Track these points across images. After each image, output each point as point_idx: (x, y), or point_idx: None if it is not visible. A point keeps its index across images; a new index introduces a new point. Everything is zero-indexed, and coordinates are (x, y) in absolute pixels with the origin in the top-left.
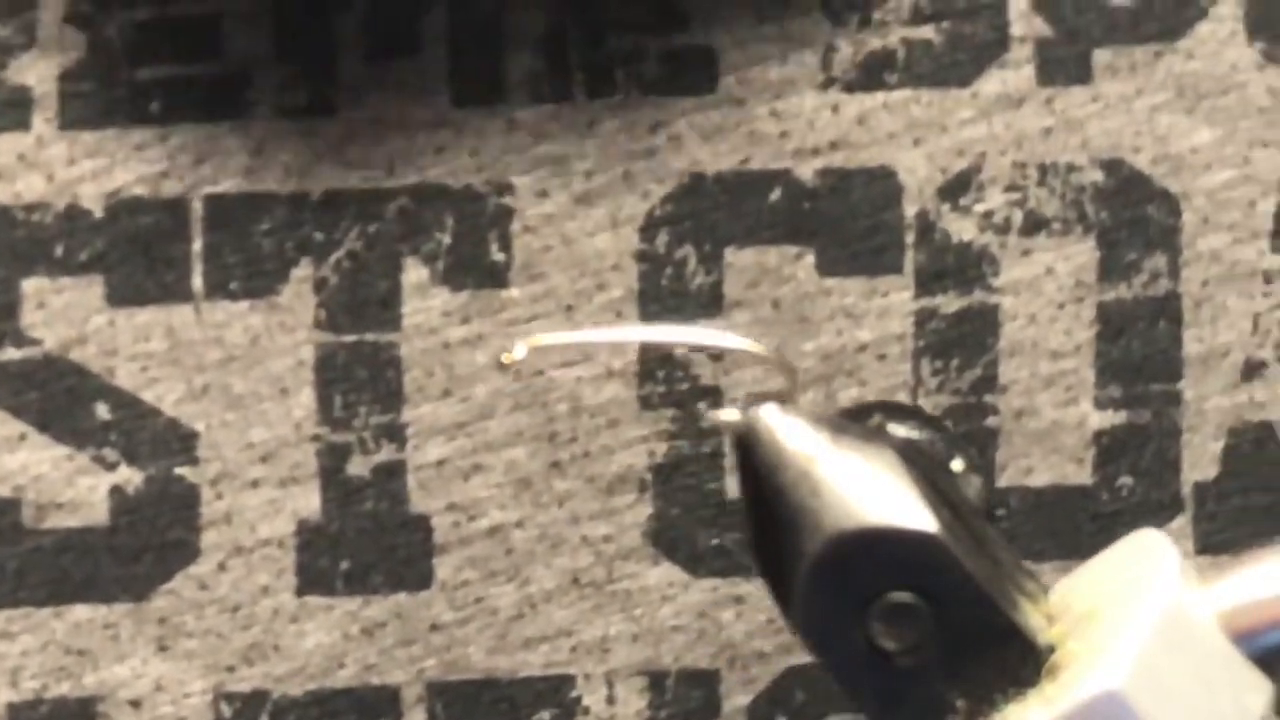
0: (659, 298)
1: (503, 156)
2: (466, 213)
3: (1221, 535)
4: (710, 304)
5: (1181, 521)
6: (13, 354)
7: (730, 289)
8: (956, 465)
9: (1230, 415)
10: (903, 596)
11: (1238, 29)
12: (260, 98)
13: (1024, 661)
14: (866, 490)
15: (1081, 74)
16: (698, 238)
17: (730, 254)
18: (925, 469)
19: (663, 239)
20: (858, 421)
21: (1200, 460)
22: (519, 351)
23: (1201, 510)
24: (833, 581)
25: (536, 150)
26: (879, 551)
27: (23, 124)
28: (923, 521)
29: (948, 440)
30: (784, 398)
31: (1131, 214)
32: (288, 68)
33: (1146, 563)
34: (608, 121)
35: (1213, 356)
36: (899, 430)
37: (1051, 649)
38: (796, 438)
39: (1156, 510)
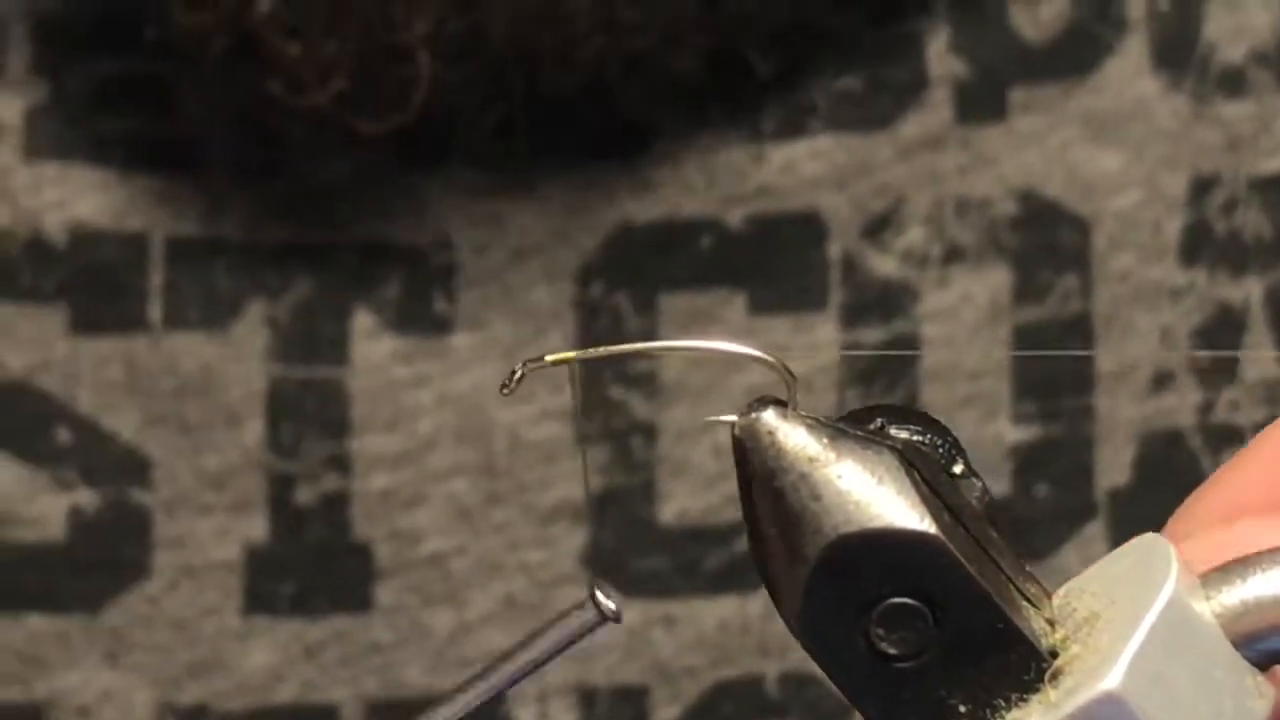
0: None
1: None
2: (414, 268)
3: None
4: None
5: (1097, 526)
6: None
7: (664, 332)
8: (958, 468)
9: (1140, 424)
10: (904, 600)
11: (1143, 63)
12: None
13: (1027, 666)
14: (867, 493)
15: (997, 112)
16: (631, 284)
17: (663, 299)
18: (926, 472)
19: (598, 288)
20: (858, 424)
21: (1112, 467)
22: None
23: (1115, 515)
24: (833, 585)
25: (477, 208)
26: (880, 554)
27: None
28: (924, 524)
29: (949, 444)
30: (783, 402)
31: (1044, 239)
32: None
33: (1148, 566)
34: (546, 182)
35: (1123, 369)
36: (900, 433)
37: (1054, 653)
38: (796, 441)
39: (1073, 516)
